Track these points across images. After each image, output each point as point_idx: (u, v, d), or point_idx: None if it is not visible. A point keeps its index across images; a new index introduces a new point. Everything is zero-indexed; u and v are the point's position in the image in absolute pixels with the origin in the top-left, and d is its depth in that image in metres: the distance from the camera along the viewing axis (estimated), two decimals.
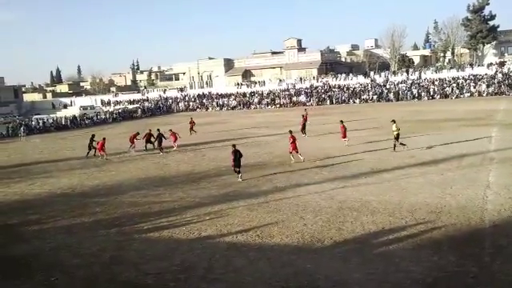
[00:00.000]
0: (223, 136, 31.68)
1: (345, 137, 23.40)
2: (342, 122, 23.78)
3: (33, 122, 50.48)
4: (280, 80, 72.49)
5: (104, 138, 25.96)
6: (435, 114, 36.65)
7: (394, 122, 20.96)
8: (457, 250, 9.43)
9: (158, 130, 26.97)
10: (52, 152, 30.93)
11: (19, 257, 11.00)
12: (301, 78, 70.34)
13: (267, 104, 62.42)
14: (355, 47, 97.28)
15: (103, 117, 57.55)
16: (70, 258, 10.68)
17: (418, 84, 58.06)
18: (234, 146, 17.54)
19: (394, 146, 20.61)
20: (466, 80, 56.08)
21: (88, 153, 26.26)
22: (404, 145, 20.60)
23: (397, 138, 20.55)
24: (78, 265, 10.23)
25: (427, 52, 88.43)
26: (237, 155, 16.97)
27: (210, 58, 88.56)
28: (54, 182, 19.84)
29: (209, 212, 13.42)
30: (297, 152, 19.84)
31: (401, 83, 59.76)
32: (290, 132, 20.31)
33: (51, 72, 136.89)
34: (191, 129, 33.90)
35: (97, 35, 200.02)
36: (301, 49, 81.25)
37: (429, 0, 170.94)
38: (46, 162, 25.90)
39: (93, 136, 26.69)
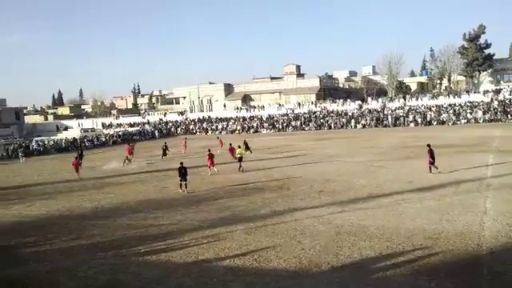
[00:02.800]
0: (223, 160, 31.71)
1: (232, 154, 28.38)
2: (230, 144, 29.43)
3: (33, 144, 50.62)
4: (279, 105, 73.23)
5: (76, 157, 27.99)
6: (432, 139, 36.40)
7: (239, 147, 26.81)
8: (454, 276, 9.43)
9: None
10: (51, 174, 30.98)
11: (16, 279, 10.94)
12: (299, 103, 71.12)
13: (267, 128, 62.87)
14: (353, 74, 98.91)
15: (103, 139, 57.79)
16: (67, 280, 10.64)
17: (415, 110, 58.70)
18: (181, 163, 20.73)
19: (240, 166, 25.27)
20: (462, 107, 56.78)
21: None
22: (240, 167, 25.16)
23: (240, 159, 25.49)
24: None
25: (424, 79, 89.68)
26: (181, 171, 20.17)
27: (210, 83, 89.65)
28: (52, 204, 19.84)
29: (206, 235, 13.42)
30: (213, 166, 24.75)
31: (398, 109, 60.44)
32: (209, 150, 25.60)
33: (53, 95, 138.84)
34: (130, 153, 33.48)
35: (99, 59, 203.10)
36: (300, 74, 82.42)
37: (425, 28, 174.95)
38: (45, 184, 25.95)
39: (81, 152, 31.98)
